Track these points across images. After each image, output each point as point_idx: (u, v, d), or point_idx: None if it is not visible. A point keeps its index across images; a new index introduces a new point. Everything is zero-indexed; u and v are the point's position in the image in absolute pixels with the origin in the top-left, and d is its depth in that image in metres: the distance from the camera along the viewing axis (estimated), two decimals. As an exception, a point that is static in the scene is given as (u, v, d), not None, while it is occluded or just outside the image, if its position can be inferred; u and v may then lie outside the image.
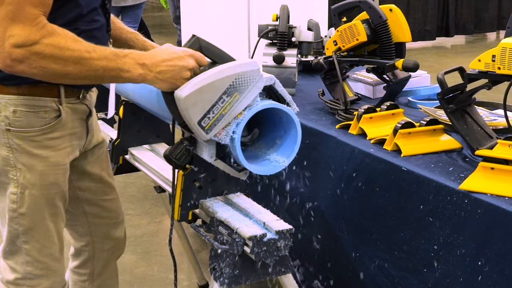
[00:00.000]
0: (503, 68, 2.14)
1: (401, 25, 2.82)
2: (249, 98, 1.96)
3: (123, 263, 3.96)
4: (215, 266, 2.16)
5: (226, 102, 1.92)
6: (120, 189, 5.01)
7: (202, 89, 1.90)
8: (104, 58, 1.89)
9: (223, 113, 1.93)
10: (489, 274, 1.99)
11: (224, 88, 1.92)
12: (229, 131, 1.96)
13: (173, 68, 1.93)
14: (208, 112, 1.92)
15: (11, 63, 1.82)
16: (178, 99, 1.91)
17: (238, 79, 1.93)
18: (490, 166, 2.07)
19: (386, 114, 2.62)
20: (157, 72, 1.93)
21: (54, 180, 2.15)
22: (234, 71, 1.93)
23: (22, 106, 2.05)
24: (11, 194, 2.11)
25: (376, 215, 2.43)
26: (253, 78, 1.95)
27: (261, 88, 1.99)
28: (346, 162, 2.56)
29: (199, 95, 1.90)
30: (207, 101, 1.91)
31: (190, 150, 2.02)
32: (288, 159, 2.07)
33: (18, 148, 2.08)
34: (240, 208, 2.25)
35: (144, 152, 2.93)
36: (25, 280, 2.20)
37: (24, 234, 2.15)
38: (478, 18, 12.19)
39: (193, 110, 1.90)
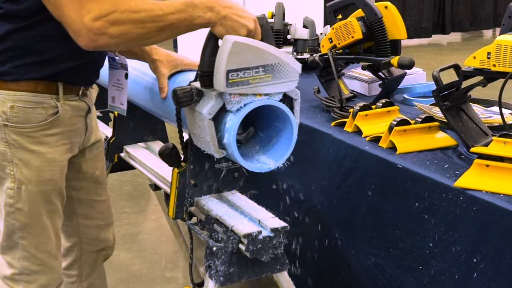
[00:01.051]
0: (498, 65, 2.14)
1: (397, 22, 2.82)
2: (275, 88, 1.98)
3: (119, 261, 3.96)
4: (211, 264, 2.16)
5: (259, 74, 1.94)
6: (116, 187, 5.03)
7: (250, 48, 1.92)
8: (176, 11, 1.91)
9: (251, 81, 1.94)
10: (484, 271, 1.99)
11: (265, 62, 1.94)
12: (242, 101, 1.95)
13: (237, 19, 1.95)
14: (241, 70, 1.92)
15: (94, 37, 1.84)
16: (227, 41, 1.91)
17: (280, 65, 1.96)
18: (485, 163, 2.07)
19: (381, 112, 2.62)
20: (222, 16, 1.95)
21: (51, 176, 2.15)
22: (281, 56, 1.96)
23: (20, 102, 2.05)
24: (8, 189, 2.12)
25: (371, 213, 2.43)
26: (291, 75, 1.99)
27: (289, 89, 2.02)
28: (341, 160, 2.56)
29: (245, 50, 1.91)
30: (247, 60, 1.92)
31: (193, 96, 2.01)
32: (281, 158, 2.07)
33: (15, 144, 2.08)
34: (235, 205, 2.25)
35: (139, 150, 2.93)
36: (22, 275, 2.20)
37: (20, 229, 2.15)
38: (474, 15, 12.21)
39: (232, 58, 1.90)
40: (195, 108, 2.01)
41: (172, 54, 2.41)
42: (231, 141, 1.95)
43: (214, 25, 1.96)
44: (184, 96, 1.99)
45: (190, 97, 1.99)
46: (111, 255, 2.65)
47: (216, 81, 1.93)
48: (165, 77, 2.35)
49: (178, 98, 1.99)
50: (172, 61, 2.38)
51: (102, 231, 2.54)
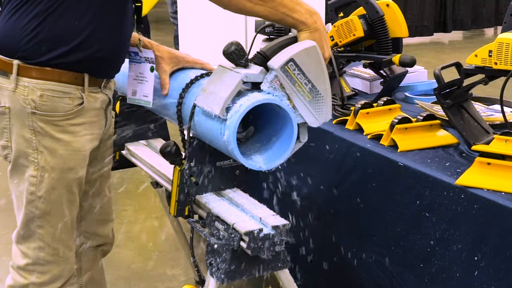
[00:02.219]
0: (500, 63, 2.14)
1: (398, 20, 2.82)
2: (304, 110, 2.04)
3: (120, 258, 3.96)
4: (212, 262, 2.16)
5: (305, 87, 2.02)
6: (117, 184, 5.03)
7: (319, 63, 2.02)
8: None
9: (296, 86, 2.01)
10: (485, 269, 1.99)
11: (317, 84, 2.02)
12: (276, 90, 2.00)
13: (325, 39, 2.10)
14: (299, 69, 1.99)
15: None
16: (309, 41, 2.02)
17: (322, 99, 2.04)
18: (487, 161, 2.07)
19: (383, 110, 2.62)
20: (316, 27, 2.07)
21: (74, 165, 2.19)
22: (328, 95, 2.06)
23: (48, 91, 2.10)
24: (31, 177, 2.15)
25: (372, 210, 2.43)
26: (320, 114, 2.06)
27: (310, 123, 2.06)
28: (342, 158, 2.56)
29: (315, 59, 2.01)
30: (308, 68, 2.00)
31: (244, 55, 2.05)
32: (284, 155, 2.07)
33: (42, 131, 2.12)
34: (237, 203, 2.25)
35: (141, 148, 2.92)
36: (36, 265, 2.22)
37: (39, 218, 2.18)
38: (476, 13, 12.20)
39: (303, 54, 1.99)
40: (234, 69, 2.05)
41: (174, 51, 2.42)
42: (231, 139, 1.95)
43: (304, 30, 2.06)
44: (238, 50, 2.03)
45: (242, 54, 2.03)
46: (110, 251, 2.66)
47: (276, 60, 2.00)
48: (166, 74, 2.36)
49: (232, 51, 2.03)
50: (173, 58, 2.39)
51: (102, 226, 2.57)
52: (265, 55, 2.04)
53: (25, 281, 2.24)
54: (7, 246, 3.81)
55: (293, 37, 2.09)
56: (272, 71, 1.99)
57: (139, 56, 2.41)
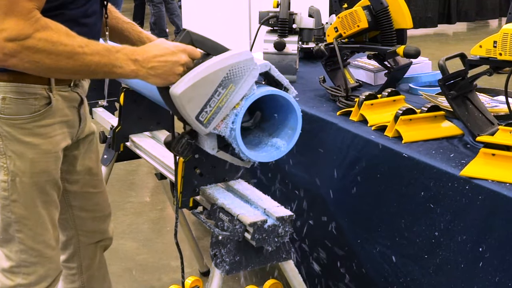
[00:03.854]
0: (505, 54, 2.13)
1: (402, 11, 2.81)
2: (245, 88, 1.93)
3: (125, 250, 3.97)
4: (216, 253, 2.16)
5: (222, 94, 1.90)
6: (121, 176, 5.05)
7: (197, 84, 1.88)
8: (97, 54, 1.86)
9: (220, 105, 1.90)
10: (490, 261, 1.99)
11: (219, 81, 1.89)
12: (228, 123, 1.93)
13: (165, 63, 1.90)
14: (205, 106, 1.89)
15: (3, 57, 1.79)
16: (174, 96, 1.89)
17: (232, 70, 1.90)
18: (491, 152, 2.07)
19: (387, 101, 2.62)
20: (149, 67, 1.90)
21: (45, 167, 2.13)
22: (227, 63, 1.90)
23: (11, 93, 2.03)
24: (2, 182, 2.10)
25: (377, 202, 2.43)
26: (247, 67, 1.93)
27: (256, 77, 1.96)
28: (347, 149, 2.56)
29: (194, 91, 1.88)
30: (203, 95, 1.88)
31: (191, 143, 2.01)
32: (289, 144, 2.06)
33: (8, 136, 2.06)
34: (241, 194, 2.25)
35: (145, 139, 2.93)
36: (20, 268, 2.20)
37: (16, 222, 2.14)
38: (480, 5, 12.17)
39: (190, 106, 1.88)
40: (200, 144, 2.04)
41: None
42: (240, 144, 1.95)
43: (144, 78, 1.92)
44: (183, 149, 2.01)
45: (188, 146, 2.01)
46: (110, 245, 2.64)
47: (195, 129, 1.95)
48: None
49: (180, 153, 2.02)
50: None
51: (98, 223, 2.53)
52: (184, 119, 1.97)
53: (12, 283, 2.21)
54: None
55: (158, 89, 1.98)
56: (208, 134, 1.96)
57: None
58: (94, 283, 2.61)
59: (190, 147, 2.02)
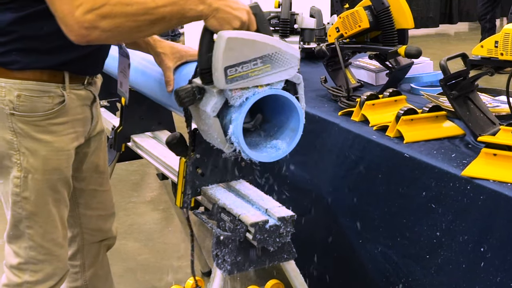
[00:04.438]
0: (506, 54, 2.13)
1: (404, 11, 2.81)
2: (276, 77, 1.96)
3: (126, 250, 3.97)
4: (218, 253, 2.16)
5: (257, 66, 1.92)
6: (123, 176, 5.04)
7: (245, 41, 1.90)
8: (169, 4, 1.89)
9: (250, 74, 1.92)
10: (491, 261, 1.99)
11: (262, 53, 1.91)
12: (243, 95, 1.93)
13: (229, 11, 1.93)
14: (238, 65, 1.90)
15: (86, 32, 1.82)
16: (220, 38, 1.89)
17: (277, 54, 1.93)
18: (493, 152, 2.07)
19: (388, 101, 2.62)
20: (214, 8, 1.93)
21: (57, 165, 2.15)
22: (278, 44, 1.94)
23: (26, 90, 2.05)
24: (15, 178, 2.12)
25: (378, 202, 2.43)
26: (290, 62, 1.96)
27: (291, 76, 1.98)
28: (348, 149, 2.56)
29: (240, 44, 1.89)
30: (243, 54, 1.90)
31: (196, 95, 2.00)
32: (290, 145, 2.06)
33: (22, 132, 2.08)
34: (243, 194, 2.25)
35: (147, 140, 2.93)
36: (28, 264, 2.21)
37: (27, 218, 2.16)
38: (482, 5, 12.14)
39: (228, 54, 1.89)
40: (199, 106, 2.00)
41: (176, 46, 2.40)
42: (238, 136, 1.94)
43: (206, 18, 1.93)
44: (186, 96, 1.98)
45: (192, 96, 1.98)
46: (114, 245, 2.65)
47: (215, 79, 1.92)
48: (170, 70, 2.34)
49: (181, 99, 1.99)
50: (176, 53, 2.37)
51: (103, 222, 2.54)
52: (206, 69, 1.95)
53: (19, 280, 2.23)
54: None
55: (206, 31, 1.98)
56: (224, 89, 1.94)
57: (122, 49, 2.41)
58: (96, 281, 2.62)
59: (193, 97, 1.99)
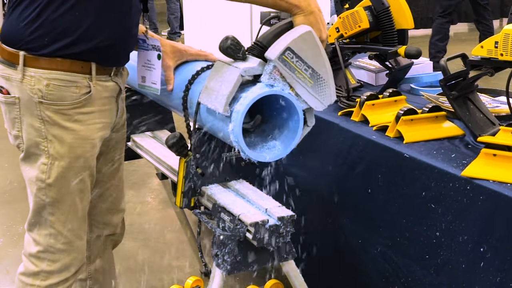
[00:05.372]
0: (506, 55, 2.14)
1: (404, 12, 2.81)
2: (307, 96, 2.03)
3: (126, 250, 3.97)
4: (218, 253, 2.16)
5: (306, 73, 2.00)
6: (123, 176, 5.03)
7: (316, 47, 2.00)
8: None
9: (297, 73, 1.99)
10: (491, 261, 1.99)
11: (317, 68, 2.01)
12: (276, 81, 1.99)
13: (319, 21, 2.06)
14: (297, 57, 1.97)
15: None
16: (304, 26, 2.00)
17: (324, 82, 2.03)
18: (493, 153, 2.07)
19: (388, 101, 2.62)
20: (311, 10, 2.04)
21: (82, 153, 2.20)
22: (330, 76, 2.04)
23: (55, 80, 2.11)
24: (42, 165, 2.17)
25: (378, 202, 2.43)
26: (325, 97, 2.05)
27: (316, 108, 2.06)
28: (348, 149, 2.56)
29: (312, 44, 1.99)
30: (307, 54, 1.99)
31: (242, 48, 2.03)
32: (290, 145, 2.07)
33: (50, 120, 2.14)
34: (242, 194, 2.26)
35: (147, 139, 2.93)
36: (47, 253, 2.25)
37: (50, 205, 2.20)
38: (481, 5, 12.13)
39: (299, 41, 1.97)
40: (232, 64, 2.03)
41: (177, 45, 2.42)
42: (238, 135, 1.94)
43: (299, 14, 2.02)
44: (232, 45, 2.02)
45: (237, 48, 2.02)
46: (120, 242, 2.67)
47: (272, 50, 1.98)
48: (170, 69, 2.36)
49: (226, 46, 2.02)
50: (177, 52, 2.39)
51: (112, 216, 2.58)
52: (262, 44, 2.03)
53: (36, 268, 2.26)
54: (12, 238, 3.82)
55: (288, 22, 2.07)
56: (270, 62, 1.98)
57: (146, 43, 2.42)
58: (100, 275, 2.64)
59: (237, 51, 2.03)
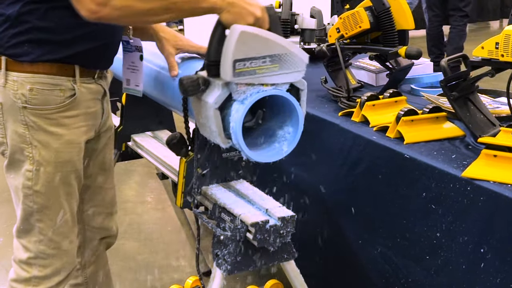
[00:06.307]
0: (507, 56, 2.13)
1: (404, 12, 2.81)
2: (282, 78, 1.97)
3: (126, 250, 3.98)
4: (218, 253, 2.16)
5: (266, 64, 1.93)
6: (123, 176, 5.04)
7: (258, 37, 1.91)
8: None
9: (257, 71, 1.93)
10: (491, 262, 1.99)
11: (273, 52, 1.93)
12: (248, 91, 1.94)
13: (244, 7, 1.94)
14: (248, 60, 1.91)
15: (96, 8, 1.83)
16: (234, 30, 1.90)
17: (287, 55, 1.95)
18: (493, 154, 2.07)
19: (389, 102, 2.62)
20: (229, 2, 1.93)
21: (69, 158, 2.17)
22: (288, 46, 1.95)
23: (38, 84, 2.08)
24: (26, 172, 2.14)
25: (378, 203, 2.43)
26: (298, 65, 1.98)
27: (296, 79, 2.00)
28: (348, 150, 2.56)
29: (252, 39, 1.90)
30: (254, 50, 1.91)
31: (200, 85, 2.00)
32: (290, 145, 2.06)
33: (34, 126, 2.11)
34: (243, 194, 2.25)
35: (147, 139, 2.93)
36: (37, 259, 2.23)
37: (38, 212, 2.18)
38: (481, 6, 12.17)
39: (239, 47, 1.89)
40: (202, 98, 2.00)
41: (179, 35, 2.41)
42: (237, 131, 1.94)
43: (220, 12, 1.94)
44: (190, 85, 1.98)
45: (196, 86, 1.98)
46: (114, 243, 2.66)
47: (223, 71, 1.92)
48: (172, 55, 2.34)
49: (185, 87, 1.98)
50: (178, 41, 2.38)
51: (105, 219, 2.55)
52: (214, 61, 1.95)
53: (27, 274, 2.24)
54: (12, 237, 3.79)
55: (218, 25, 1.99)
56: (229, 82, 1.95)
57: (130, 45, 2.42)
58: (96, 279, 2.63)
59: (197, 87, 1.99)
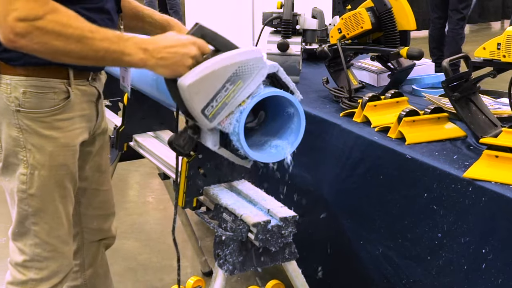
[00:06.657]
0: (508, 56, 2.14)
1: (406, 13, 2.82)
2: (252, 86, 1.94)
3: (127, 250, 3.98)
4: (219, 253, 2.17)
5: (229, 90, 1.90)
6: (124, 176, 5.05)
7: (205, 78, 1.88)
8: (107, 40, 1.86)
9: (227, 101, 1.91)
10: (493, 262, 1.99)
11: (228, 76, 1.89)
12: (232, 119, 1.93)
13: (175, 54, 1.90)
14: (212, 101, 1.90)
15: (14, 38, 1.81)
16: (181, 88, 1.89)
17: (242, 67, 1.91)
18: (495, 154, 2.07)
19: (390, 102, 2.62)
20: (158, 58, 1.90)
21: (64, 161, 2.16)
22: (237, 59, 1.90)
23: (31, 87, 2.06)
24: (21, 175, 2.13)
25: (380, 203, 2.43)
26: (257, 66, 1.93)
27: (264, 76, 1.96)
28: (350, 150, 2.56)
29: (202, 84, 1.88)
30: (210, 89, 1.89)
31: (193, 138, 2.02)
32: (291, 145, 2.07)
33: (28, 129, 2.09)
34: (245, 194, 2.26)
35: (149, 139, 2.93)
36: (33, 262, 2.22)
37: (33, 215, 2.17)
38: (482, 7, 12.16)
39: (196, 98, 1.88)
40: (202, 142, 2.05)
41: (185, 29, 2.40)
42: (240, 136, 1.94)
43: (153, 68, 1.92)
44: (184, 144, 2.00)
45: (190, 141, 2.00)
46: (112, 244, 2.65)
47: (200, 124, 1.95)
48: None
49: (180, 147, 2.01)
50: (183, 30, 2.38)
51: (103, 221, 2.55)
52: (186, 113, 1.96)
53: (24, 277, 2.23)
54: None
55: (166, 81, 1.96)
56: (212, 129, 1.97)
57: None
58: (96, 280, 2.62)
59: (192, 142, 2.02)
